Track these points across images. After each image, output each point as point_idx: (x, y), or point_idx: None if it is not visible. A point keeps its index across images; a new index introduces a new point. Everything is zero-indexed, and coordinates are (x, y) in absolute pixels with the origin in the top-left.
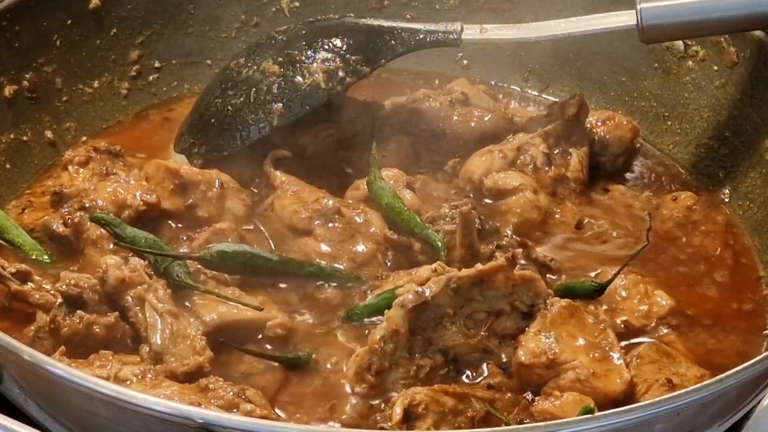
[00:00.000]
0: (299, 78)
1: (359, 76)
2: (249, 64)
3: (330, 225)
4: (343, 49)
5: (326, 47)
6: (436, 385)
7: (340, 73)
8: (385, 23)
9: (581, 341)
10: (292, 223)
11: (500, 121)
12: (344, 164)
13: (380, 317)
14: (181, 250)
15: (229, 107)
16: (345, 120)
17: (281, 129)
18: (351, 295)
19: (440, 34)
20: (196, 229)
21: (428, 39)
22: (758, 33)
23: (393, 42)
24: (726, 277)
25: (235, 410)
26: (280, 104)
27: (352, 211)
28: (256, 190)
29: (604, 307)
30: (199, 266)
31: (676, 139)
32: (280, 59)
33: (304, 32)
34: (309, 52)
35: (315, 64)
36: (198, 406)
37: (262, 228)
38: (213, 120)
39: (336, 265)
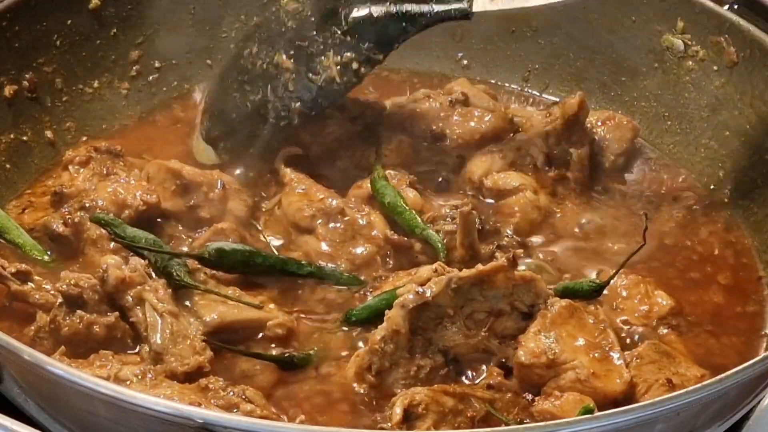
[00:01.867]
0: (313, 74)
1: (374, 65)
2: (262, 56)
3: (332, 225)
4: (355, 37)
5: (337, 37)
6: (436, 385)
7: (354, 65)
8: (394, 7)
9: (581, 341)
10: (296, 220)
11: (500, 121)
12: (348, 163)
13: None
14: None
15: (248, 104)
16: (346, 119)
17: (286, 128)
18: (351, 295)
19: (452, 10)
20: (197, 229)
21: (439, 15)
22: (758, 33)
23: (404, 24)
24: (726, 278)
25: (235, 410)
26: (298, 103)
27: (356, 213)
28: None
29: (605, 306)
30: (199, 266)
31: (676, 139)
32: (292, 52)
33: (312, 19)
34: (320, 44)
35: (327, 57)
36: (198, 406)
37: (263, 228)
38: (234, 116)
39: (334, 264)
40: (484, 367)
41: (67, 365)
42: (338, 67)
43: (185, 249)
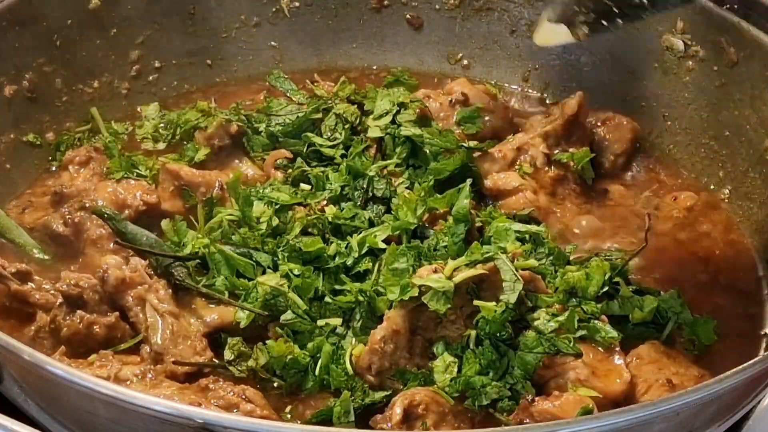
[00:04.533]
0: None
1: None
2: None
3: None
4: None
5: None
6: (435, 385)
7: None
8: None
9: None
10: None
11: (500, 121)
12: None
13: None
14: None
15: None
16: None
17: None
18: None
19: None
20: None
21: None
22: (758, 33)
23: None
24: (726, 278)
25: (235, 410)
26: None
27: None
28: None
29: None
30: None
31: (676, 139)
32: None
33: None
34: None
35: None
36: (198, 406)
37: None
38: None
39: None
40: None
41: (67, 365)
42: None
43: None
